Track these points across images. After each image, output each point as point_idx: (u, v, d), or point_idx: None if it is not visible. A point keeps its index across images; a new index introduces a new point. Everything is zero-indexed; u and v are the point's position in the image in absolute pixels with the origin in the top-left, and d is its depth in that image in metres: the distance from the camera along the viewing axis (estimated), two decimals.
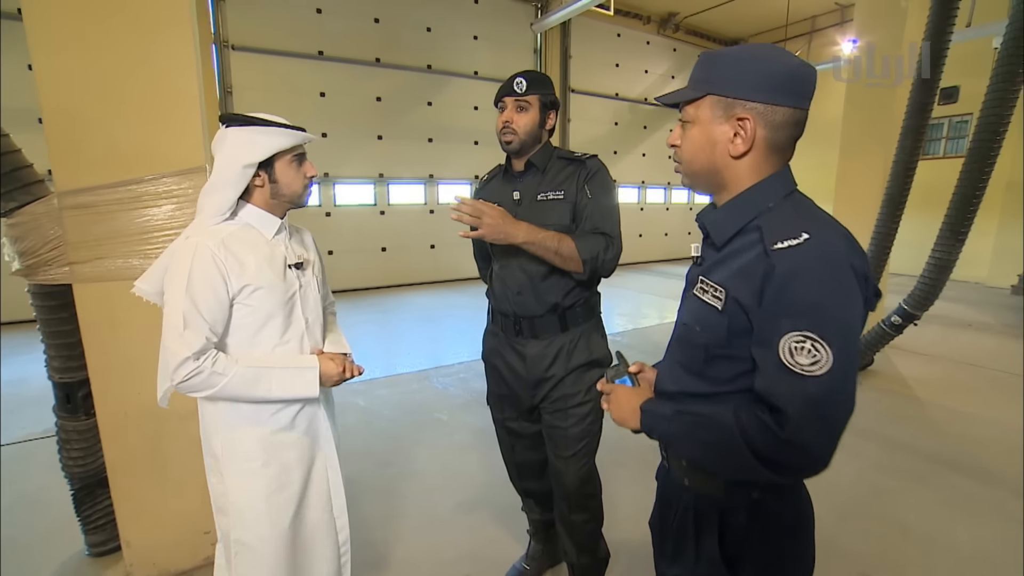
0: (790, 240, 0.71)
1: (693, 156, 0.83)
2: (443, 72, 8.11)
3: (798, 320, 0.68)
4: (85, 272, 1.65)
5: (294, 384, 1.19)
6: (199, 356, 1.07)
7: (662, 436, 0.87)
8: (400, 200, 8.23)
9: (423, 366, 4.35)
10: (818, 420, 0.67)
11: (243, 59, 6.51)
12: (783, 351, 0.69)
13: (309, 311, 1.29)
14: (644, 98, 10.69)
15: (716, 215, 0.84)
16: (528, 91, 1.44)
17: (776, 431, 0.69)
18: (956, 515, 2.26)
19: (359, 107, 7.47)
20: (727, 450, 0.74)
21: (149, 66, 1.62)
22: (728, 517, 0.84)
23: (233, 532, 1.21)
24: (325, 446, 1.33)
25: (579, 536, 1.63)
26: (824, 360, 0.66)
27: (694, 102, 0.82)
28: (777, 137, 0.78)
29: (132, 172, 1.63)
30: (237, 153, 1.13)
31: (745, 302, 0.74)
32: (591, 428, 1.55)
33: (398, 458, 2.77)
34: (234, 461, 1.20)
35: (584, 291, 1.53)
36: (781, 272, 0.70)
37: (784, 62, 0.77)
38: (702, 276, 0.83)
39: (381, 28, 7.49)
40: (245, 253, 1.16)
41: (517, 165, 1.54)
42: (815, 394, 0.67)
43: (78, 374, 1.82)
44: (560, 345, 1.51)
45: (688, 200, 12.05)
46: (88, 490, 1.94)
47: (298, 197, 1.26)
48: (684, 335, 0.87)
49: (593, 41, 9.60)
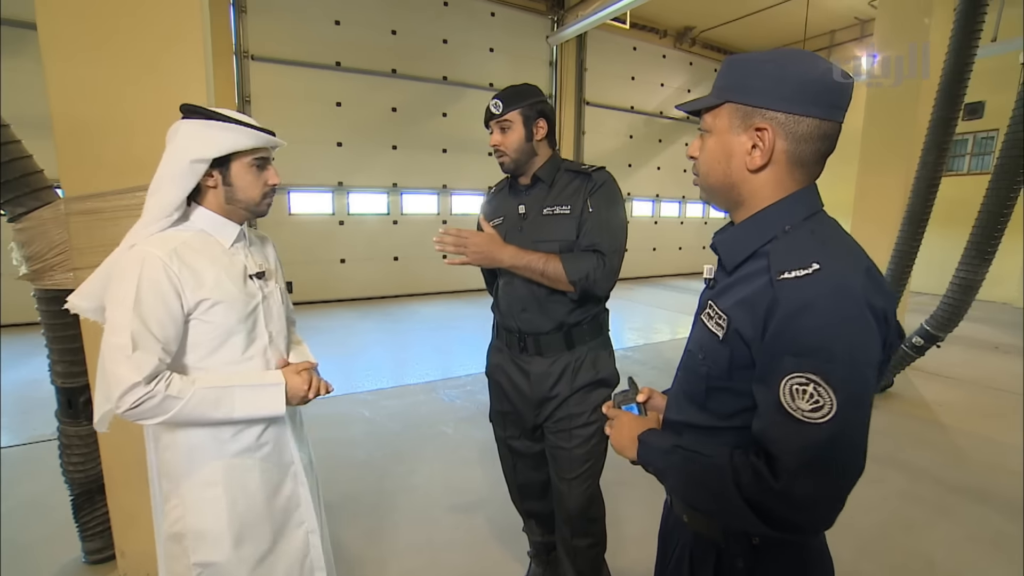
0: (798, 270, 0.64)
1: (709, 169, 0.77)
2: (458, 84, 8.17)
3: (802, 360, 0.61)
4: None
5: (258, 403, 1.08)
6: (151, 380, 0.95)
7: (656, 471, 0.80)
8: (413, 210, 8.27)
9: (431, 377, 4.31)
10: (815, 472, 0.61)
11: (262, 69, 6.63)
12: (784, 392, 0.62)
13: (273, 324, 1.18)
14: (660, 111, 10.66)
15: (729, 236, 0.77)
16: (505, 110, 1.42)
17: (769, 480, 0.62)
18: (985, 551, 2.13)
19: (374, 117, 7.55)
20: (719, 495, 0.68)
21: (160, 75, 1.63)
22: (724, 560, 0.78)
23: (193, 556, 1.09)
24: (293, 466, 1.22)
25: (581, 562, 1.57)
26: (828, 407, 0.60)
27: (713, 110, 0.75)
28: (800, 151, 0.70)
29: (141, 180, 1.62)
30: (187, 146, 1.02)
31: (747, 334, 0.68)
32: (595, 450, 1.50)
33: (400, 472, 2.72)
34: (193, 487, 1.09)
35: (592, 308, 1.48)
36: (785, 305, 0.63)
37: (813, 68, 0.69)
38: (711, 300, 0.77)
39: (398, 40, 7.59)
40: (201, 263, 1.04)
41: (522, 179, 1.51)
42: (814, 442, 0.60)
43: (80, 379, 1.82)
44: (566, 363, 1.46)
45: (703, 214, 11.94)
46: (87, 496, 1.92)
47: (255, 205, 1.13)
48: (688, 362, 0.81)
49: (609, 54, 9.62)
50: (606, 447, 1.55)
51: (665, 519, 0.94)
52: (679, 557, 0.85)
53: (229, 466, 1.11)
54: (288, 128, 6.00)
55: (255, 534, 1.14)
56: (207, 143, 1.02)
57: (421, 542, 2.14)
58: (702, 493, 0.72)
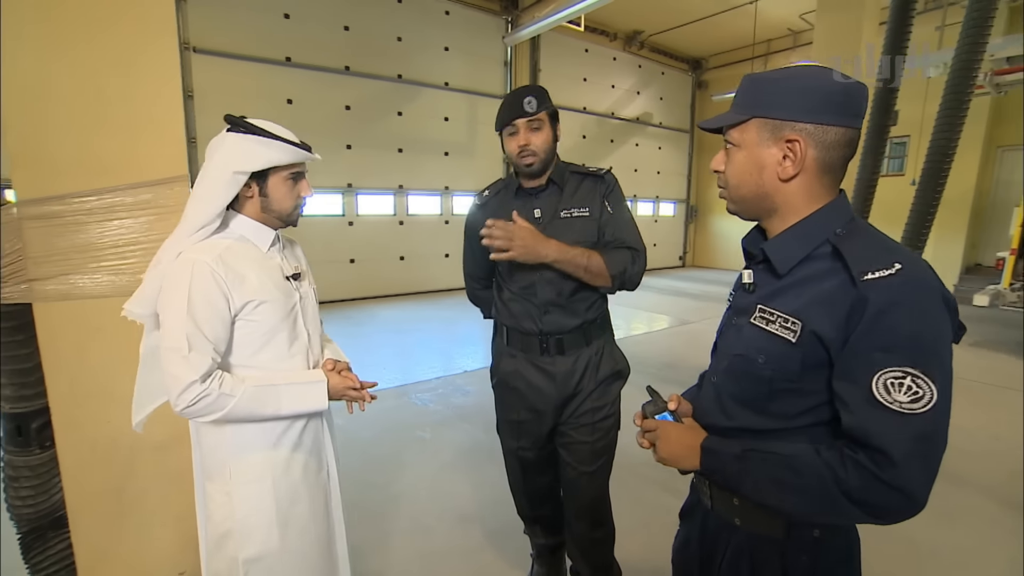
0: (882, 270, 0.67)
1: (740, 180, 0.80)
2: (414, 82, 8.03)
3: (895, 355, 0.65)
4: (47, 290, 1.49)
5: (304, 399, 1.17)
6: (206, 378, 1.04)
7: (728, 477, 0.80)
8: (369, 211, 8.05)
9: (400, 381, 4.22)
10: (922, 459, 0.65)
11: (206, 62, 6.23)
12: (877, 387, 0.66)
13: (310, 323, 1.28)
14: (611, 112, 10.93)
15: (778, 241, 0.80)
16: (539, 108, 1.40)
17: (875, 471, 0.65)
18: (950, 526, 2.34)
19: (327, 115, 7.28)
20: (813, 492, 0.70)
21: (128, 71, 1.50)
22: (789, 557, 0.80)
23: (242, 552, 1.15)
24: (328, 461, 1.32)
25: (597, 554, 1.59)
26: (928, 397, 0.64)
27: (739, 126, 0.79)
28: (829, 158, 0.75)
29: (105, 181, 1.49)
30: (231, 159, 1.09)
31: (825, 334, 0.71)
32: (612, 442, 1.54)
33: (382, 480, 2.65)
34: (242, 483, 1.16)
35: (603, 304, 1.51)
36: (876, 304, 0.66)
37: (831, 81, 0.74)
38: (762, 305, 0.80)
39: (351, 36, 7.36)
40: (244, 267, 1.12)
41: (529, 183, 1.49)
42: (921, 433, 0.64)
43: (33, 403, 1.64)
44: (587, 358, 1.48)
45: (653, 212, 12.35)
46: (38, 533, 1.73)
47: (287, 215, 1.21)
48: (743, 368, 0.82)
49: (562, 56, 9.76)
50: (617, 439, 1.58)
51: (704, 524, 0.93)
52: (733, 559, 0.86)
53: (277, 460, 1.18)
54: None
55: (299, 525, 1.21)
56: (249, 157, 1.09)
57: (416, 552, 2.09)
58: (791, 493, 0.72)
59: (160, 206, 1.52)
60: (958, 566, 2.04)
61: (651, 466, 2.83)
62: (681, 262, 13.29)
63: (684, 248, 13.33)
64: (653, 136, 12.00)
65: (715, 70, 12.22)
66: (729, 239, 12.38)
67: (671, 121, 12.33)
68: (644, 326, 6.52)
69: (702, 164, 12.96)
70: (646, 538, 2.14)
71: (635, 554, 1.98)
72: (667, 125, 12.24)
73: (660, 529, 2.22)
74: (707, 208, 13.07)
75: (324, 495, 1.30)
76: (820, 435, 0.74)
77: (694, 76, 12.51)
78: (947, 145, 4.16)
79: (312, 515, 1.25)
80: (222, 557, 1.18)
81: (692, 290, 9.23)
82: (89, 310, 1.50)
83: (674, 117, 12.39)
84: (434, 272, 8.75)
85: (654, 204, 12.35)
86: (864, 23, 5.16)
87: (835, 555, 0.80)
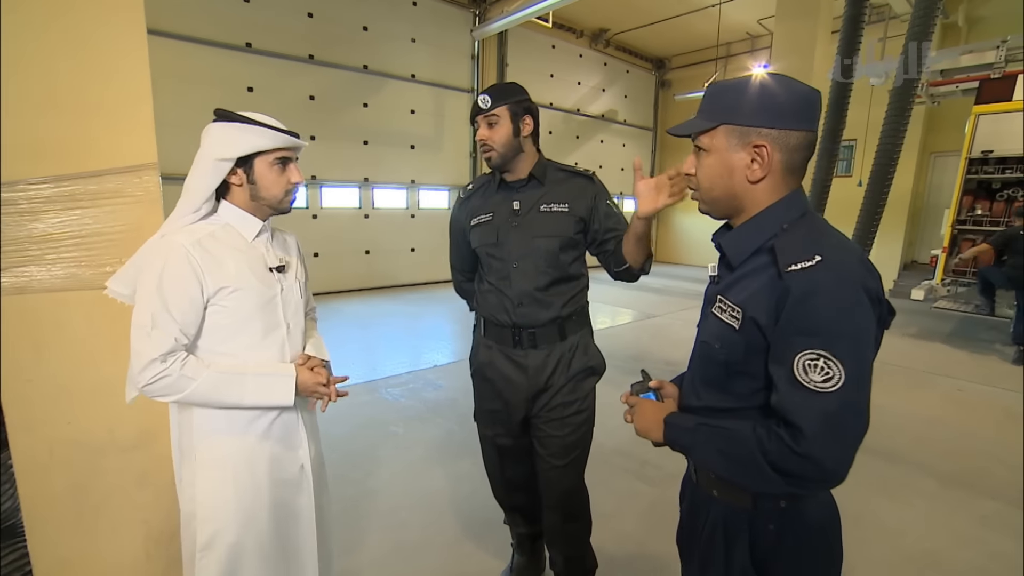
0: (804, 262, 0.74)
1: (712, 183, 0.86)
2: (380, 73, 7.87)
3: (811, 339, 0.72)
4: (2, 283, 1.40)
5: (270, 392, 1.16)
6: (166, 358, 1.05)
7: (683, 447, 0.89)
8: (334, 203, 7.85)
9: (368, 376, 4.17)
10: (831, 434, 0.71)
11: (160, 44, 5.88)
12: (797, 368, 0.72)
13: (290, 316, 1.26)
14: (577, 108, 11.04)
15: (732, 236, 0.87)
16: (494, 105, 1.44)
17: (791, 445, 0.72)
18: (892, 498, 2.52)
19: (290, 105, 7.04)
20: (745, 461, 0.78)
21: (87, 50, 1.42)
22: (757, 525, 0.87)
23: (199, 537, 1.16)
24: (301, 460, 1.28)
25: (570, 546, 1.63)
26: (836, 377, 0.70)
27: (708, 132, 0.84)
28: (793, 159, 0.82)
29: (66, 167, 1.41)
30: (214, 147, 1.12)
31: (761, 321, 0.78)
32: (585, 436, 1.57)
33: (356, 477, 2.62)
34: (204, 467, 1.17)
35: (581, 299, 1.54)
36: (795, 293, 0.73)
37: (793, 89, 0.81)
38: (720, 295, 0.86)
39: (314, 23, 7.13)
40: (224, 254, 1.13)
41: (511, 177, 1.53)
42: (828, 409, 0.71)
43: None
44: (560, 354, 1.51)
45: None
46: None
47: (278, 202, 1.21)
48: (705, 352, 0.90)
49: (529, 51, 9.78)
50: (591, 434, 1.62)
51: (691, 498, 1.01)
52: (711, 529, 0.93)
53: (241, 449, 1.18)
54: (194, 114, 5.38)
55: (259, 520, 1.19)
56: (231, 144, 1.11)
57: (394, 547, 2.09)
58: (730, 462, 0.82)
59: (127, 195, 1.45)
60: (898, 536, 2.21)
61: (622, 455, 2.93)
62: None
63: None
64: (618, 133, 12.21)
65: (678, 70, 12.53)
66: (692, 235, 12.76)
67: (635, 119, 12.58)
68: (608, 320, 6.66)
69: (665, 162, 13.29)
70: (619, 526, 2.21)
71: (609, 541, 2.04)
72: (631, 123, 12.47)
73: (633, 516, 2.30)
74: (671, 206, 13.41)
75: (294, 491, 1.27)
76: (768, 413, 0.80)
77: (657, 75, 12.80)
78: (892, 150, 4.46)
79: (275, 509, 1.23)
80: (187, 537, 1.19)
81: (656, 285, 9.49)
82: (48, 304, 1.42)
83: (638, 115, 12.65)
84: (400, 267, 8.63)
85: (618, 199, 12.59)
86: (819, 30, 5.43)
87: (804, 525, 0.86)
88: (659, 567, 1.97)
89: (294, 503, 1.27)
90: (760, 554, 0.87)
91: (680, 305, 7.53)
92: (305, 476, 1.28)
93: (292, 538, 1.27)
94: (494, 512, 1.88)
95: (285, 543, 1.25)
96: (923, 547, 2.15)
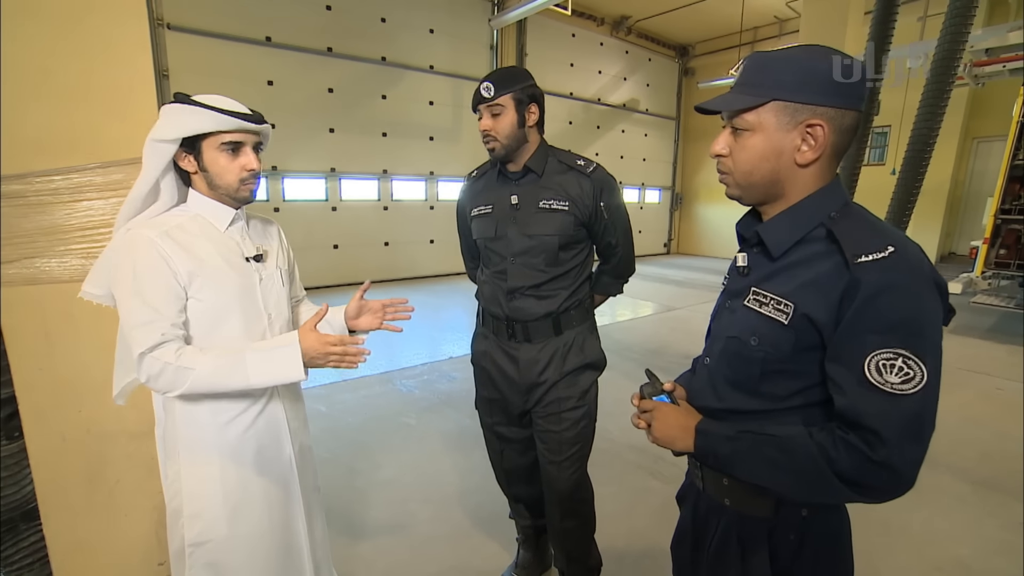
0: (875, 253, 0.67)
1: (753, 166, 0.77)
2: (398, 65, 7.86)
3: (887, 337, 0.65)
4: (11, 274, 1.43)
5: (273, 367, 1.03)
6: (155, 348, 1.00)
7: (721, 458, 0.80)
8: (353, 196, 7.91)
9: (384, 368, 4.19)
10: (912, 439, 0.65)
11: (181, 40, 6.00)
12: (869, 369, 0.66)
13: (272, 306, 1.21)
14: (597, 98, 10.86)
15: (774, 224, 0.79)
16: (497, 93, 1.38)
17: (866, 452, 0.66)
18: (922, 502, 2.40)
19: (310, 98, 7.10)
20: (803, 471, 0.71)
21: (96, 45, 1.42)
22: (778, 535, 0.81)
23: (188, 534, 1.12)
24: (288, 448, 1.24)
25: (570, 544, 1.59)
26: (919, 378, 0.64)
27: (753, 109, 0.74)
28: (843, 142, 0.74)
29: (72, 160, 1.42)
30: (154, 129, 1.06)
31: (817, 317, 0.70)
32: (584, 432, 1.52)
33: (368, 467, 2.63)
34: (190, 463, 1.14)
35: (580, 294, 1.49)
36: (868, 287, 0.66)
37: (841, 63, 0.72)
38: (755, 287, 0.79)
39: (333, 16, 7.15)
40: (194, 244, 1.09)
41: (511, 166, 1.47)
42: (911, 413, 0.65)
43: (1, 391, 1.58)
44: (554, 349, 1.47)
45: (638, 199, 12.37)
46: (9, 526, 1.68)
47: (234, 190, 1.11)
48: (735, 349, 0.81)
49: (549, 40, 9.63)
50: (593, 430, 1.57)
51: (697, 506, 0.94)
52: (722, 540, 0.87)
53: (226, 442, 1.14)
54: None
55: (251, 512, 1.17)
56: (171, 125, 1.04)
57: (402, 537, 2.09)
58: (782, 473, 0.73)
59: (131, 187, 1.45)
60: (927, 543, 2.11)
61: (635, 451, 2.87)
62: (666, 249, 13.37)
63: (669, 235, 13.41)
64: (639, 123, 11.97)
65: (702, 57, 12.19)
66: (714, 226, 12.48)
67: (657, 108, 12.30)
68: (629, 312, 6.56)
69: (687, 151, 12.99)
70: (630, 523, 2.16)
71: (620, 538, 2.00)
72: (653, 112, 12.21)
73: (645, 514, 2.25)
74: (692, 195, 13.14)
75: (283, 483, 1.23)
76: (809, 416, 0.74)
77: (681, 63, 12.48)
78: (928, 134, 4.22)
79: (267, 503, 1.20)
80: (175, 535, 1.16)
81: (677, 277, 9.30)
82: (58, 295, 1.44)
83: (661, 104, 12.37)
84: (419, 258, 8.66)
85: (640, 191, 12.36)
86: (850, 12, 5.18)
87: (823, 533, 0.80)
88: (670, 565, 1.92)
89: (283, 495, 1.24)
90: (780, 565, 0.81)
91: (700, 298, 7.36)
92: (293, 468, 1.25)
93: (283, 530, 1.24)
94: (503, 506, 1.86)
95: (276, 536, 1.23)
96: (953, 554, 2.05)
